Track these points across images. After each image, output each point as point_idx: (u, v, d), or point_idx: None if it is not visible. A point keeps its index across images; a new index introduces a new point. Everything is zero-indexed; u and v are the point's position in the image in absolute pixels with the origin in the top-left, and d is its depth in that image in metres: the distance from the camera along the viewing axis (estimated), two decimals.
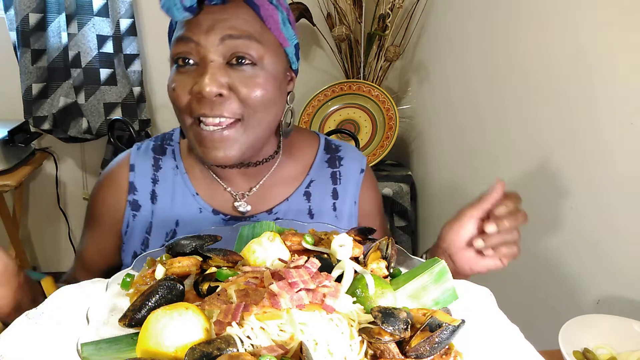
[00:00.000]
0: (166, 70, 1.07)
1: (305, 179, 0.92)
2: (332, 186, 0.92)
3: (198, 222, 0.86)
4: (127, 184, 0.89)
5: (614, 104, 1.03)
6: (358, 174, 0.94)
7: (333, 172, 0.93)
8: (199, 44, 0.74)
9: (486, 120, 1.56)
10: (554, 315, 1.21)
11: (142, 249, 0.87)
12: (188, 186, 0.88)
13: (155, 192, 0.88)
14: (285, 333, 0.49)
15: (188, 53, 0.76)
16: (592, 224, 1.10)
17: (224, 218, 0.87)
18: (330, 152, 0.95)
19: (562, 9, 1.19)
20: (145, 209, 0.88)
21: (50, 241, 2.46)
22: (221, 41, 0.73)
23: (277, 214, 0.88)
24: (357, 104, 2.13)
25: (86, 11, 2.01)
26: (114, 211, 0.89)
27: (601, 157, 1.07)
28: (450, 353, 0.52)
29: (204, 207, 0.87)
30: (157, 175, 0.89)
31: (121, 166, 0.91)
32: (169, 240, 0.86)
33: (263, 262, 0.64)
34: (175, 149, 0.92)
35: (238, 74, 0.74)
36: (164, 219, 0.87)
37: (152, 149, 0.92)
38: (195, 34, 0.74)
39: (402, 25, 2.08)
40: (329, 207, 0.91)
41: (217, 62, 0.74)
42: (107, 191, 0.90)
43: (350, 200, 0.93)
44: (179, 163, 0.90)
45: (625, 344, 0.80)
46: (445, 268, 0.64)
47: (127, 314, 0.55)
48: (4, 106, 2.14)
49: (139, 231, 0.88)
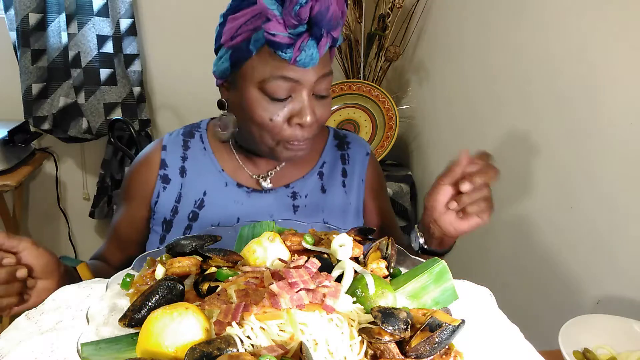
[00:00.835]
0: (166, 70, 1.08)
1: (319, 161, 1.04)
2: (342, 166, 1.04)
3: (224, 192, 0.97)
4: (159, 161, 0.99)
5: (614, 104, 1.03)
6: (364, 155, 1.07)
7: (342, 154, 1.06)
8: (300, 82, 0.82)
9: (486, 119, 1.56)
10: (554, 315, 1.21)
11: (172, 216, 0.97)
12: (215, 164, 1.00)
13: (185, 168, 0.99)
14: (285, 333, 0.49)
15: (285, 91, 0.83)
16: (592, 224, 1.10)
17: (247, 190, 0.98)
18: (339, 138, 1.08)
19: (562, 9, 1.19)
20: (175, 181, 0.98)
21: (50, 241, 2.46)
22: (318, 80, 0.84)
23: (294, 189, 1.00)
24: (357, 104, 2.13)
25: (86, 11, 2.01)
26: (146, 185, 0.99)
27: (601, 157, 1.07)
28: (450, 353, 0.52)
29: (229, 181, 0.98)
30: (186, 154, 1.00)
31: (155, 147, 1.02)
32: (197, 207, 0.96)
33: (263, 262, 0.64)
34: (203, 134, 1.03)
35: (319, 102, 0.87)
36: (192, 189, 0.98)
37: (182, 134, 1.03)
38: (300, 74, 0.82)
39: (402, 25, 2.08)
40: (339, 184, 1.03)
41: (311, 96, 0.85)
42: (141, 169, 1.00)
43: (358, 178, 1.04)
44: (207, 145, 1.01)
45: (625, 344, 0.80)
46: (445, 268, 0.64)
47: (127, 314, 0.55)
48: (4, 106, 2.14)
49: (169, 201, 0.98)
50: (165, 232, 0.97)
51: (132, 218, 1.01)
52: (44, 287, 0.76)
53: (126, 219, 1.02)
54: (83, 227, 2.42)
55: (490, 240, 1.52)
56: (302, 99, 0.84)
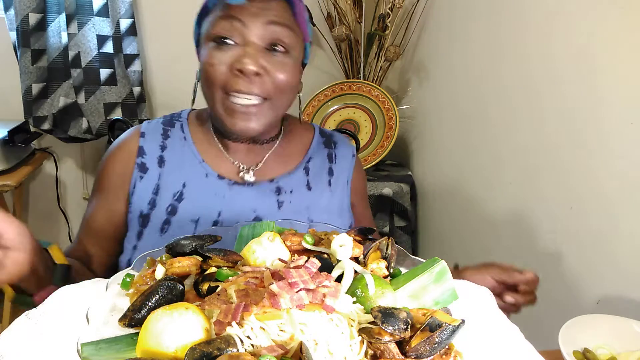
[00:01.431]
0: (166, 70, 1.08)
1: (305, 156, 1.02)
2: (328, 164, 1.03)
3: (204, 184, 0.93)
4: (137, 148, 0.95)
5: (614, 104, 1.03)
6: (350, 157, 1.05)
7: (329, 152, 1.04)
8: (245, 25, 0.82)
9: (486, 119, 1.56)
10: (554, 315, 1.21)
11: (149, 209, 0.92)
12: (195, 154, 0.96)
13: (163, 157, 0.95)
14: (285, 333, 0.49)
15: (231, 33, 0.82)
16: (593, 224, 1.10)
17: (228, 183, 0.94)
18: (325, 136, 1.07)
19: (563, 9, 1.19)
20: (153, 171, 0.94)
21: (50, 241, 2.46)
22: (265, 26, 0.82)
23: (278, 184, 0.96)
24: (357, 104, 2.13)
25: (86, 11, 2.01)
26: (122, 174, 0.94)
27: (602, 157, 1.07)
28: (450, 353, 0.52)
29: (209, 172, 0.94)
30: (165, 143, 0.96)
31: (132, 134, 0.97)
32: (176, 200, 0.91)
33: (263, 262, 0.64)
34: (183, 123, 1.00)
35: (272, 58, 0.84)
36: (171, 181, 0.93)
37: (162, 122, 1.00)
38: (243, 16, 0.82)
39: (402, 25, 2.08)
40: (325, 183, 1.01)
41: (258, 45, 0.83)
42: (117, 156, 0.96)
43: (344, 179, 1.03)
44: (187, 135, 0.98)
45: (625, 344, 0.80)
46: (445, 268, 0.64)
47: (127, 314, 0.55)
48: (4, 106, 2.14)
49: (146, 192, 0.93)
50: (141, 226, 0.92)
51: (109, 212, 0.95)
52: (17, 258, 0.70)
53: (102, 212, 0.95)
54: None
55: (490, 240, 1.52)
56: (249, 45, 0.82)
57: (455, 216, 1.73)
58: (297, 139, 1.03)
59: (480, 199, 1.57)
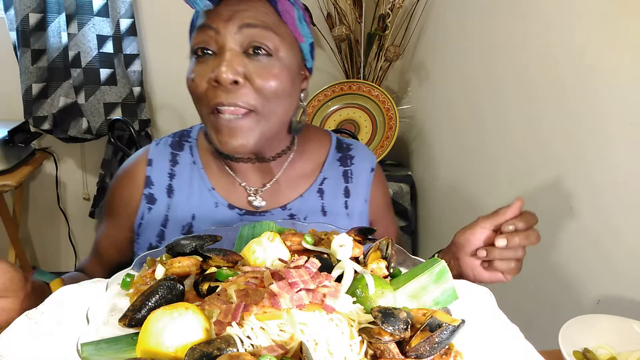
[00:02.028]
0: (166, 70, 1.07)
1: (319, 177, 0.94)
2: (344, 184, 0.94)
3: (214, 215, 0.88)
4: (144, 178, 0.90)
5: (614, 104, 1.03)
6: (369, 172, 0.97)
7: (345, 170, 0.95)
8: (218, 32, 0.75)
9: (486, 120, 1.56)
10: (554, 315, 1.21)
11: (158, 242, 0.88)
12: (204, 181, 0.90)
13: (172, 187, 0.90)
14: (285, 333, 0.49)
15: (207, 42, 0.77)
16: (592, 224, 1.10)
17: (239, 213, 0.89)
18: (342, 150, 0.97)
19: (563, 9, 1.19)
20: (161, 202, 0.89)
21: (50, 241, 2.46)
22: (239, 29, 0.75)
23: (291, 210, 0.90)
24: (357, 104, 2.13)
25: (86, 11, 2.01)
26: (129, 204, 0.90)
27: (602, 157, 1.07)
28: (450, 353, 0.52)
29: (219, 201, 0.89)
30: (174, 170, 0.91)
31: (139, 161, 0.92)
32: (185, 233, 0.86)
33: (263, 262, 0.64)
34: (192, 145, 0.93)
35: (254, 63, 0.76)
36: (180, 213, 0.89)
37: (170, 144, 0.94)
38: (215, 22, 0.76)
39: (402, 25, 2.08)
40: (341, 205, 0.93)
41: (234, 50, 0.75)
42: (124, 185, 0.92)
43: (362, 198, 0.95)
44: (196, 159, 0.92)
45: (625, 344, 0.80)
46: (445, 268, 0.64)
47: (127, 314, 0.55)
48: (4, 106, 2.14)
49: (155, 224, 0.89)
50: None
51: (114, 238, 0.93)
52: (4, 306, 0.67)
53: (108, 237, 0.93)
54: (83, 227, 2.42)
55: None
56: (223, 53, 0.75)
57: (455, 216, 1.73)
58: (311, 154, 0.95)
59: (480, 199, 1.57)
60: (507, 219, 0.78)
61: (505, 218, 0.79)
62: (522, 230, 0.77)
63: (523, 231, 0.77)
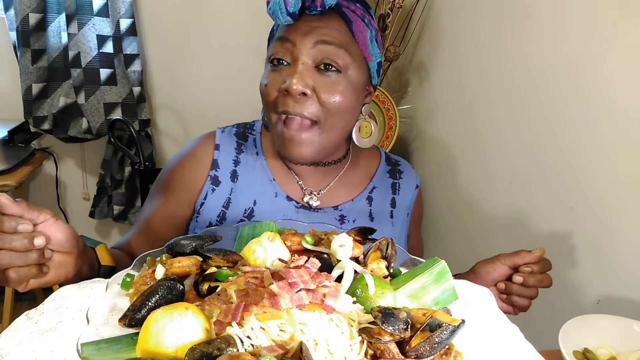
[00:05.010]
0: (166, 70, 1.07)
1: (369, 185, 1.01)
2: (392, 195, 1.02)
3: (273, 203, 0.93)
4: (211, 160, 0.95)
5: (614, 104, 1.03)
6: (414, 189, 1.06)
7: (393, 183, 1.04)
8: (294, 45, 0.82)
9: (486, 119, 1.56)
10: (554, 315, 1.21)
11: (218, 222, 0.93)
12: (266, 172, 0.96)
13: (237, 172, 0.95)
14: (285, 333, 0.49)
15: (283, 53, 0.83)
16: (592, 224, 1.10)
17: (296, 205, 0.95)
18: (391, 164, 1.06)
19: (562, 9, 1.19)
20: (225, 185, 0.94)
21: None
22: (314, 45, 0.81)
23: (342, 211, 0.96)
24: None
25: (86, 11, 2.01)
26: (193, 183, 0.94)
27: (602, 157, 1.07)
28: (450, 353, 0.52)
29: (279, 192, 0.95)
30: (239, 158, 0.96)
31: (207, 144, 0.97)
32: (246, 216, 0.92)
33: (263, 262, 0.64)
34: (256, 138, 0.99)
35: (323, 78, 0.82)
36: (243, 197, 0.94)
37: (235, 134, 0.99)
38: (292, 35, 0.82)
39: (402, 25, 2.08)
40: (387, 214, 1.00)
41: (307, 64, 0.82)
42: (190, 164, 0.96)
43: (405, 211, 1.03)
44: (259, 151, 0.98)
45: (625, 344, 0.80)
46: (445, 268, 0.64)
47: (127, 314, 0.55)
48: (4, 106, 2.14)
49: (217, 205, 0.93)
50: None
51: (171, 213, 0.95)
52: (63, 261, 0.72)
53: (163, 213, 0.96)
54: (83, 227, 2.42)
55: (490, 240, 1.52)
56: (296, 65, 0.81)
57: (455, 216, 1.74)
58: (363, 165, 1.02)
59: (480, 199, 1.57)
60: (526, 262, 0.86)
61: (525, 261, 0.86)
62: (537, 273, 0.86)
63: (539, 274, 0.86)
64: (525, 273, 0.85)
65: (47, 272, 0.71)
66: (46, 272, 0.70)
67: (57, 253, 0.72)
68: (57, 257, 0.72)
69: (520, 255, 0.87)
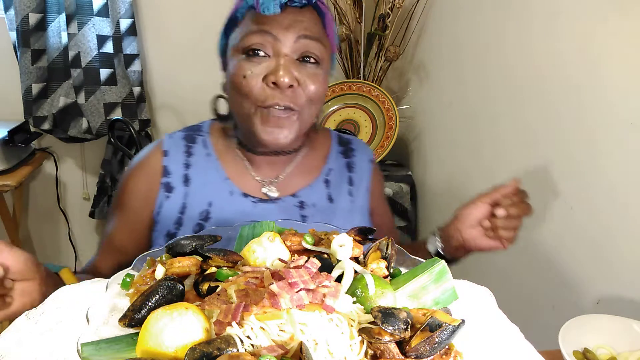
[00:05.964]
0: (166, 70, 1.07)
1: (324, 168, 1.01)
2: (348, 174, 1.02)
3: (229, 203, 0.93)
4: (161, 167, 0.94)
5: (614, 104, 1.03)
6: (369, 163, 1.05)
7: (348, 162, 1.04)
8: (276, 39, 0.82)
9: (486, 119, 1.56)
10: (554, 315, 1.21)
11: (176, 229, 0.92)
12: (219, 171, 0.95)
13: (188, 176, 0.94)
14: (285, 333, 0.49)
15: (263, 45, 0.83)
16: (592, 224, 1.10)
17: (253, 200, 0.94)
18: (343, 144, 1.06)
19: (562, 9, 1.19)
20: (178, 190, 0.93)
21: (50, 241, 2.46)
22: (297, 39, 0.82)
23: (301, 198, 0.97)
24: (357, 104, 2.13)
25: (86, 11, 2.01)
26: (147, 194, 0.94)
27: (602, 157, 1.07)
28: (450, 353, 0.52)
29: (234, 190, 0.94)
30: (189, 160, 0.95)
31: (154, 152, 0.96)
32: (202, 219, 0.92)
33: (263, 262, 0.64)
34: (205, 138, 0.98)
35: (305, 70, 0.84)
36: (197, 200, 0.93)
37: (183, 137, 0.98)
38: (274, 29, 0.82)
39: (402, 25, 2.08)
40: (346, 193, 1.01)
41: (290, 57, 0.83)
42: (140, 175, 0.95)
43: (364, 187, 1.03)
44: (210, 151, 0.97)
45: (625, 344, 0.80)
46: (445, 268, 0.64)
47: (127, 314, 0.55)
48: (4, 106, 2.14)
49: (173, 211, 0.93)
50: None
51: (132, 228, 0.95)
52: (26, 288, 0.70)
53: (125, 228, 0.96)
54: (83, 227, 2.42)
55: None
56: (281, 58, 0.82)
57: None
58: (316, 149, 1.03)
59: None
60: (504, 194, 0.90)
61: (502, 194, 0.90)
62: (517, 203, 0.88)
63: (518, 203, 0.88)
64: (506, 205, 0.88)
65: (11, 302, 0.69)
66: (10, 303, 0.69)
67: (18, 282, 0.70)
68: (19, 285, 0.70)
69: (498, 190, 0.90)
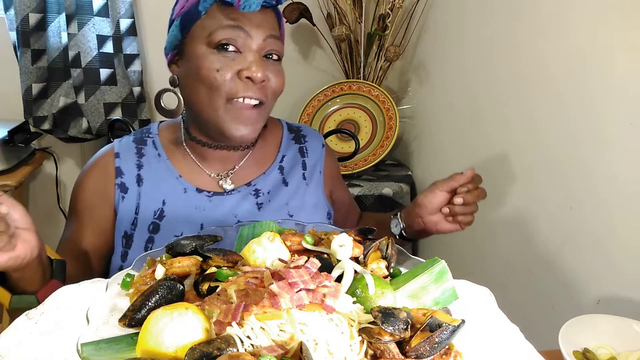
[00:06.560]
0: (166, 70, 1.07)
1: (278, 155, 1.05)
2: (301, 159, 1.07)
3: (183, 199, 0.95)
4: (114, 168, 0.96)
5: (614, 104, 1.03)
6: (321, 148, 1.10)
7: (300, 147, 1.08)
8: (249, 35, 0.86)
9: (486, 120, 1.56)
10: (554, 315, 1.21)
11: (132, 229, 0.93)
12: (171, 170, 0.97)
13: (141, 176, 0.96)
14: (285, 333, 0.49)
15: (235, 40, 0.86)
16: (592, 224, 1.10)
17: (207, 195, 0.96)
18: (293, 132, 1.10)
19: (561, 9, 1.19)
20: (132, 191, 0.95)
21: (50, 241, 2.43)
22: (266, 37, 0.87)
23: (256, 186, 0.99)
24: (357, 104, 2.13)
25: (86, 11, 2.01)
26: (105, 194, 0.95)
27: (602, 157, 1.07)
28: (450, 353, 0.52)
29: (188, 187, 0.96)
30: (141, 161, 0.97)
31: (106, 155, 0.98)
32: (157, 218, 0.93)
33: (263, 262, 0.64)
34: (155, 139, 1.01)
35: (270, 66, 0.89)
36: (151, 199, 0.95)
37: (133, 140, 1.00)
38: (247, 26, 0.86)
39: (402, 25, 2.08)
40: (300, 177, 1.04)
41: (259, 54, 0.88)
42: (96, 178, 0.97)
43: (317, 170, 1.08)
44: (161, 152, 0.99)
45: (625, 344, 0.80)
46: (445, 268, 0.64)
47: (127, 314, 0.55)
48: (4, 106, 2.13)
49: (129, 212, 0.94)
50: (125, 247, 0.92)
51: (98, 230, 0.94)
52: (26, 236, 0.71)
53: (89, 231, 0.94)
54: None
55: (490, 240, 1.52)
56: (252, 54, 0.86)
57: None
58: (269, 139, 1.06)
59: None
60: (461, 183, 0.95)
61: (459, 182, 0.95)
62: (473, 190, 0.94)
63: (474, 190, 0.95)
64: (463, 193, 0.94)
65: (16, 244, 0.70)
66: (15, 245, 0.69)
67: (19, 230, 0.71)
68: (20, 232, 0.71)
69: (455, 178, 0.95)
